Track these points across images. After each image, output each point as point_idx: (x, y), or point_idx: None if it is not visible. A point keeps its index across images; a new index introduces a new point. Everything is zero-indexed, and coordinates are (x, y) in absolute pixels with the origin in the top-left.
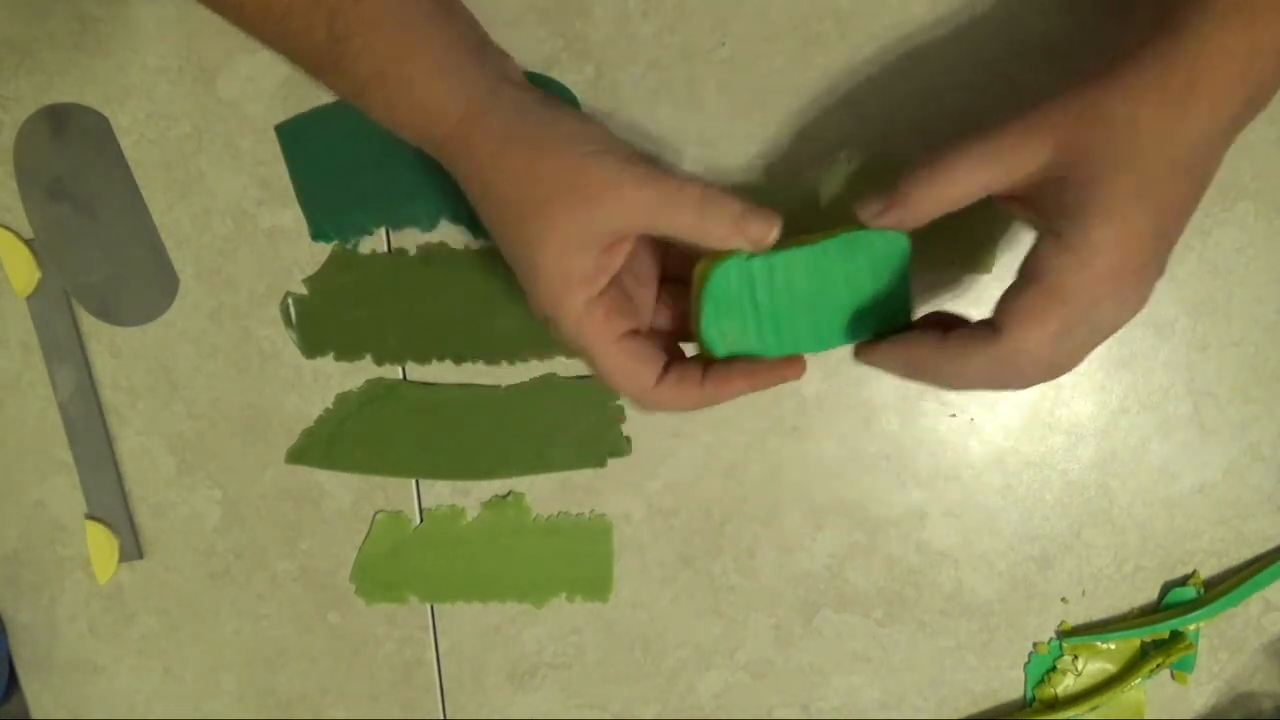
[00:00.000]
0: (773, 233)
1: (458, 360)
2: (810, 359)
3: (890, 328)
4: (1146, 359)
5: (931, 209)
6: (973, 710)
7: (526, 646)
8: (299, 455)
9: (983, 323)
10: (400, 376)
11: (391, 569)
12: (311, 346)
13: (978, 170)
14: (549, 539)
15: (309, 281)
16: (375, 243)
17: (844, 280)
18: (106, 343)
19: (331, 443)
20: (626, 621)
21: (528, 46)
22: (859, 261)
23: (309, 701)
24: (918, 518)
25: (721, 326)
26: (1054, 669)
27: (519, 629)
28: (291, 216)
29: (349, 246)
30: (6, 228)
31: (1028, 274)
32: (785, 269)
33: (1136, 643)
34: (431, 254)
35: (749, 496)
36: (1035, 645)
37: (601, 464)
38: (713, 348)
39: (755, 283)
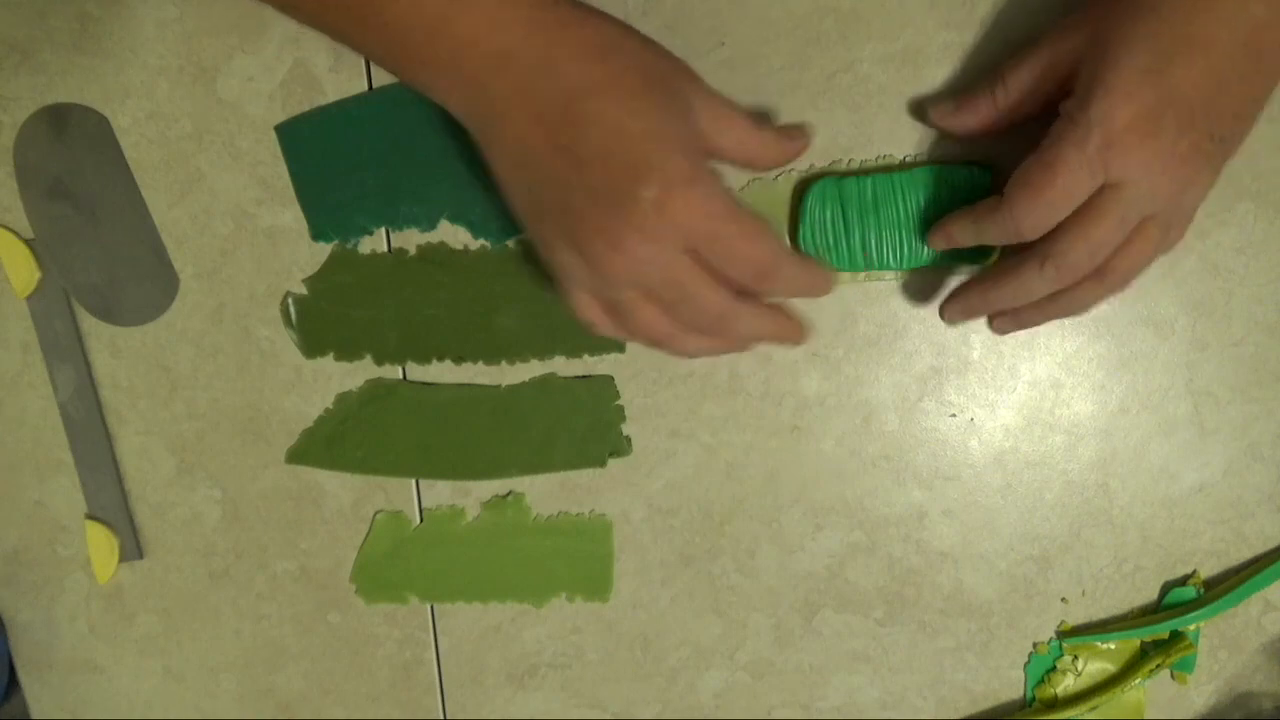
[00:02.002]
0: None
1: (458, 360)
2: (810, 358)
3: (971, 257)
4: (1146, 359)
5: (993, 114)
6: (973, 710)
7: (526, 646)
8: (299, 455)
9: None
10: (400, 376)
11: (391, 569)
12: (311, 346)
13: (1033, 68)
14: (549, 539)
15: (309, 281)
16: (375, 243)
17: (932, 207)
18: (106, 343)
19: (331, 443)
20: (626, 621)
21: None
22: (945, 191)
23: (309, 701)
24: (918, 518)
25: (815, 242)
26: (1054, 669)
27: (519, 629)
28: (291, 216)
29: (349, 246)
30: (6, 228)
31: (1036, 150)
32: (875, 191)
33: (1136, 643)
34: (431, 254)
35: (749, 496)
36: (1035, 645)
37: (601, 464)
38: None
39: (847, 202)
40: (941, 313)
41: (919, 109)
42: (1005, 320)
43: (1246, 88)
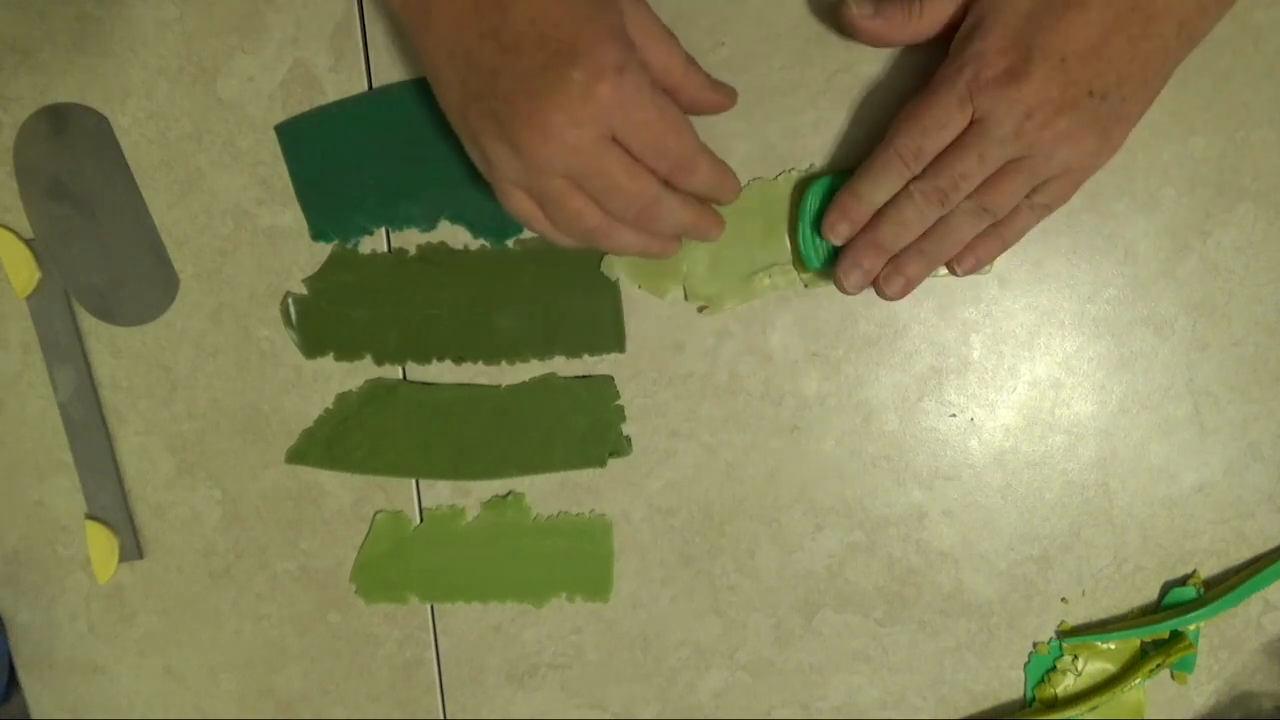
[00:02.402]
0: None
1: (458, 360)
2: (810, 358)
3: None
4: (1146, 359)
5: (906, 29)
6: (973, 710)
7: (526, 646)
8: (299, 455)
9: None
10: (400, 376)
11: (391, 569)
12: (311, 346)
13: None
14: (549, 539)
15: (309, 281)
16: (375, 243)
17: None
18: (106, 343)
19: (331, 443)
20: (626, 621)
21: None
22: None
23: (309, 701)
24: (918, 518)
25: (815, 241)
26: (1054, 669)
27: (519, 629)
28: (291, 216)
29: (349, 246)
30: (6, 228)
31: None
32: None
33: (1136, 643)
34: (431, 254)
35: (749, 496)
36: (1035, 645)
37: (601, 464)
38: (808, 261)
39: None
40: (837, 278)
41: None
42: (890, 272)
43: (1133, 48)
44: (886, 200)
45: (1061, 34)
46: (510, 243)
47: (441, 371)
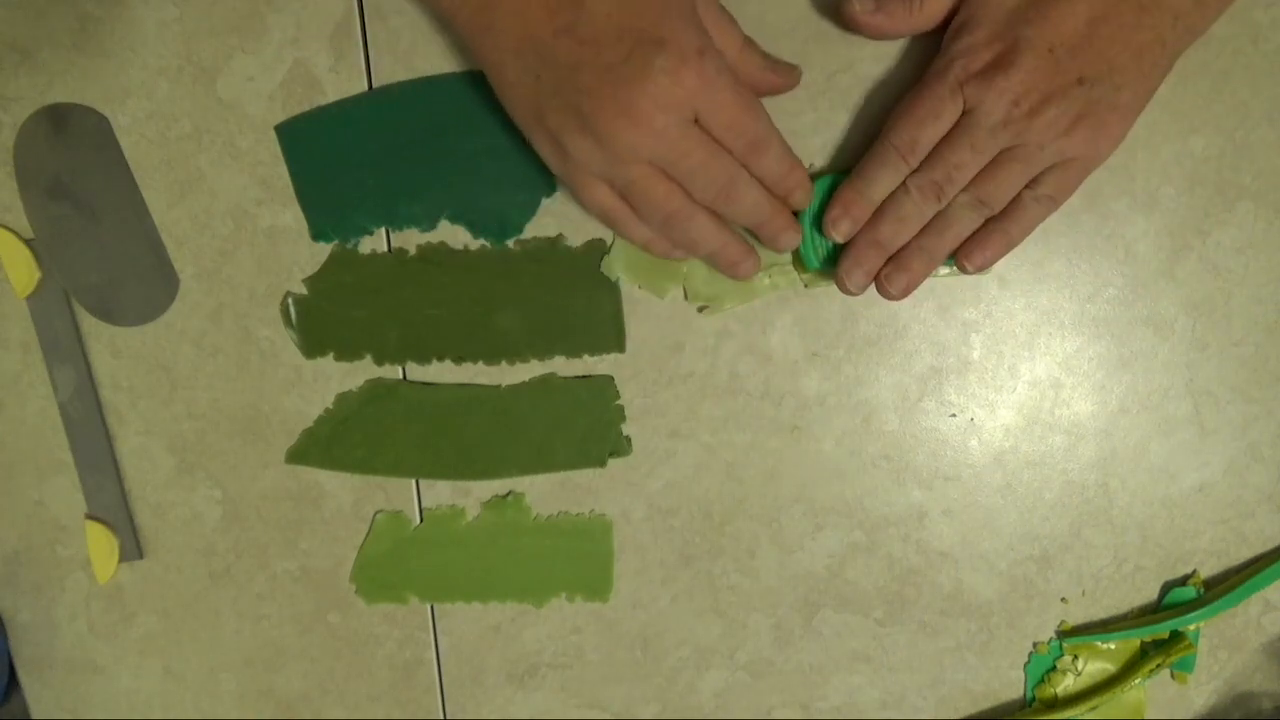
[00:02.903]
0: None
1: (458, 360)
2: (810, 358)
3: None
4: (1146, 359)
5: (908, 24)
6: (973, 710)
7: (526, 646)
8: (299, 455)
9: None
10: (400, 376)
11: (391, 569)
12: (311, 346)
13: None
14: (549, 539)
15: (309, 281)
16: (375, 243)
17: None
18: (106, 343)
19: (331, 443)
20: (626, 621)
21: None
22: None
23: (309, 701)
24: (918, 518)
25: (815, 241)
26: (1054, 669)
27: (519, 629)
28: (291, 216)
29: (349, 246)
30: (6, 228)
31: None
32: None
33: (1136, 643)
34: (431, 254)
35: (749, 496)
36: (1035, 645)
37: (601, 464)
38: (808, 261)
39: None
40: (839, 279)
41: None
42: (892, 270)
43: (1125, 37)
44: (886, 196)
45: (1048, 25)
46: (510, 243)
47: (441, 371)
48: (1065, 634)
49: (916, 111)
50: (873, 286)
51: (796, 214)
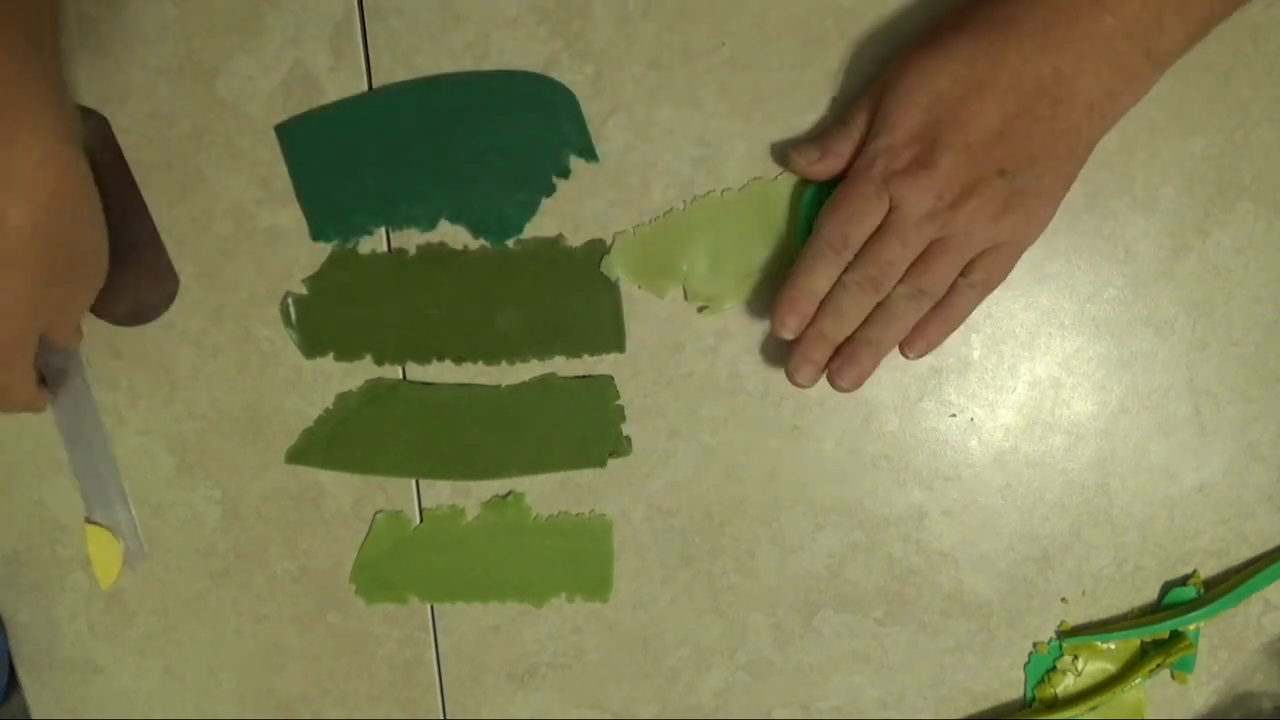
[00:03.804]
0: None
1: (458, 360)
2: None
3: None
4: (1146, 359)
5: (853, 152)
6: (973, 710)
7: (526, 646)
8: (299, 455)
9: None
10: (400, 376)
11: (391, 569)
12: (311, 346)
13: (867, 105)
14: (549, 539)
15: (309, 281)
16: (375, 243)
17: None
18: (106, 343)
19: (331, 443)
20: (626, 621)
21: (528, 46)
22: None
23: (309, 701)
24: (918, 518)
25: None
26: (1054, 669)
27: (519, 629)
28: (291, 216)
29: (349, 246)
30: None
31: None
32: None
33: (1136, 643)
34: (431, 254)
35: (749, 496)
36: (1035, 645)
37: (601, 464)
38: None
39: None
40: (789, 373)
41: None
42: (841, 365)
43: (1043, 128)
44: (827, 289)
45: (963, 124)
46: (510, 243)
47: (441, 371)
48: (1065, 634)
49: (845, 209)
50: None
51: (797, 216)
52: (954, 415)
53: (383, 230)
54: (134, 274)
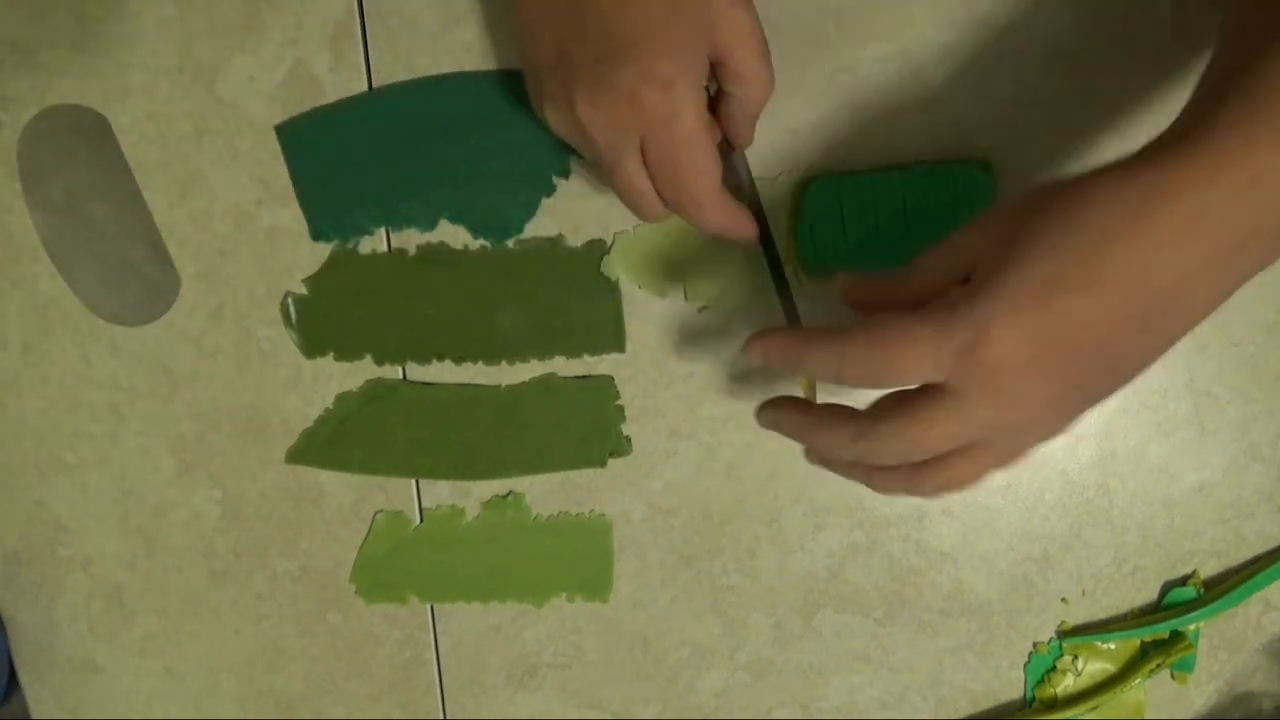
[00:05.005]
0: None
1: (458, 360)
2: None
3: None
4: None
5: (905, 297)
6: (973, 710)
7: (526, 646)
8: (299, 455)
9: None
10: (400, 376)
11: (391, 569)
12: (311, 346)
13: (943, 258)
14: (549, 539)
15: (309, 281)
16: (375, 243)
17: (931, 206)
18: (106, 343)
19: (331, 443)
20: (626, 621)
21: None
22: (944, 190)
23: (309, 701)
24: (918, 518)
25: (815, 242)
26: (1054, 669)
27: (519, 629)
28: (291, 216)
29: (349, 246)
30: None
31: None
32: (875, 191)
33: (1136, 643)
34: (431, 254)
35: (749, 496)
36: (1035, 645)
37: (601, 464)
38: (808, 262)
39: (846, 202)
40: (760, 418)
41: (920, 110)
42: (816, 457)
43: (1138, 342)
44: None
45: (1076, 319)
46: (510, 243)
47: (441, 371)
48: (1065, 634)
49: (889, 350)
50: None
51: (797, 216)
52: None
53: (383, 230)
54: (134, 274)
